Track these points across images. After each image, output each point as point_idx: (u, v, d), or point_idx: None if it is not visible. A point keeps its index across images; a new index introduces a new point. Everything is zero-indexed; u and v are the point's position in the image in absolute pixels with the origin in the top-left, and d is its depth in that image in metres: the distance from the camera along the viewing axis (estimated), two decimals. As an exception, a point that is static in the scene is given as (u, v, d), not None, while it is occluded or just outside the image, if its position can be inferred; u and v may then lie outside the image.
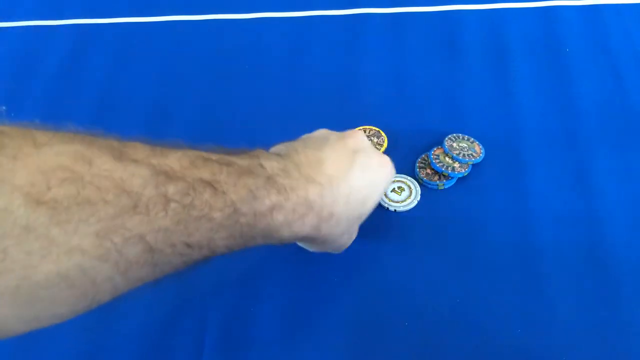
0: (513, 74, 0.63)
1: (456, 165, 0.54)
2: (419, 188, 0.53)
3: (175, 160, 0.31)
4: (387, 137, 0.58)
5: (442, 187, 0.54)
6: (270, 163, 0.36)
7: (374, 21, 0.70)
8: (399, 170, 0.55)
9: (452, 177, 0.54)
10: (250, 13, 0.72)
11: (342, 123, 0.59)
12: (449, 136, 0.56)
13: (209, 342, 0.46)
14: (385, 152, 0.57)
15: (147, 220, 0.29)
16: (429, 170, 0.54)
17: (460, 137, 0.56)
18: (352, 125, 0.59)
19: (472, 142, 0.56)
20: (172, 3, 0.74)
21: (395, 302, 0.47)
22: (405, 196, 0.53)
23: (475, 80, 0.63)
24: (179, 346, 0.46)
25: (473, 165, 0.54)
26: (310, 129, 0.59)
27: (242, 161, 0.35)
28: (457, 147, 0.55)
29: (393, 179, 0.54)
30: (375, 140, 0.57)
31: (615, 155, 0.55)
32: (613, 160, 0.55)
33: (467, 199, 0.53)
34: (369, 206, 0.41)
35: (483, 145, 0.56)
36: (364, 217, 0.42)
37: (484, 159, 0.55)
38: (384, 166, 0.43)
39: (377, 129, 0.58)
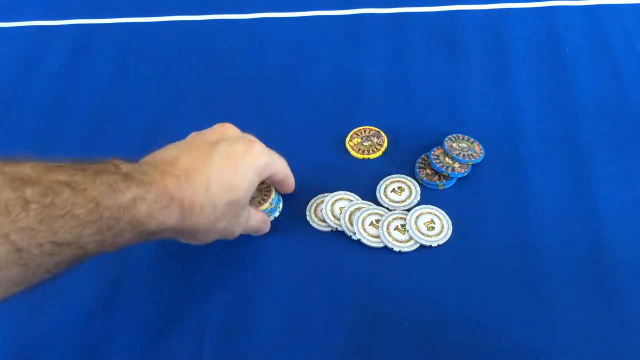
0: (513, 74, 0.63)
1: (456, 165, 0.54)
2: (418, 188, 0.53)
3: (28, 168, 0.34)
4: (387, 137, 0.58)
5: (442, 187, 0.54)
6: (124, 165, 0.38)
7: (374, 21, 0.70)
8: (399, 170, 0.55)
9: (452, 178, 0.54)
10: (250, 13, 0.72)
11: (342, 123, 0.59)
12: (449, 136, 0.56)
13: (209, 342, 0.46)
14: (385, 152, 0.57)
15: (10, 220, 0.30)
16: (429, 171, 0.54)
17: (460, 137, 0.56)
18: (352, 125, 0.59)
19: (472, 142, 0.56)
20: (172, 3, 0.74)
21: (395, 302, 0.47)
22: (405, 196, 0.53)
23: (475, 80, 0.63)
24: (179, 346, 0.46)
25: (473, 165, 0.54)
26: (310, 129, 0.59)
27: (95, 165, 0.36)
28: (457, 147, 0.55)
29: (391, 180, 0.54)
30: (375, 140, 0.57)
31: (615, 155, 0.55)
32: (613, 160, 0.55)
33: (467, 199, 0.53)
34: (240, 191, 0.42)
35: (483, 145, 0.56)
36: (242, 202, 0.43)
37: (484, 159, 0.55)
38: (249, 151, 0.43)
39: (377, 129, 0.58)
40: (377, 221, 0.51)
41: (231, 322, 0.47)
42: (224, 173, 0.41)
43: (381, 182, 0.54)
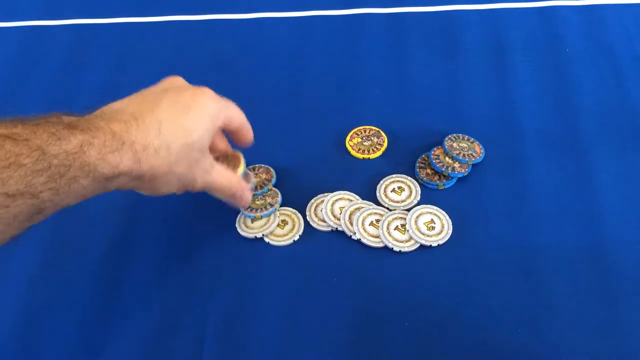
0: (513, 74, 0.63)
1: (456, 165, 0.54)
2: (419, 188, 0.53)
3: None
4: (387, 137, 0.58)
5: (442, 187, 0.54)
6: (67, 117, 0.37)
7: (374, 21, 0.70)
8: (399, 170, 0.55)
9: (452, 177, 0.54)
10: (250, 13, 0.72)
11: (342, 123, 0.59)
12: (449, 136, 0.56)
13: (209, 342, 0.46)
14: (385, 152, 0.57)
15: None
16: (429, 170, 0.54)
17: (460, 137, 0.56)
18: (352, 126, 0.59)
19: (472, 142, 0.56)
20: (172, 3, 0.74)
21: (395, 302, 0.47)
22: (405, 196, 0.53)
23: (475, 80, 0.63)
24: (179, 346, 0.46)
25: (473, 165, 0.54)
26: (310, 129, 0.59)
27: (33, 117, 0.36)
28: (457, 147, 0.55)
29: (392, 180, 0.54)
30: (375, 140, 0.57)
31: (615, 155, 0.55)
32: (613, 160, 0.55)
33: (467, 199, 0.53)
34: (194, 134, 0.41)
35: (483, 145, 0.56)
36: (198, 146, 0.42)
37: (484, 159, 0.55)
38: (199, 96, 0.43)
39: (377, 129, 0.58)
40: (377, 221, 0.51)
41: (231, 322, 0.47)
42: (175, 117, 0.41)
43: (381, 182, 0.54)
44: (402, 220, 0.51)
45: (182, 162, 0.41)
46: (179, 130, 0.41)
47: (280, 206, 0.53)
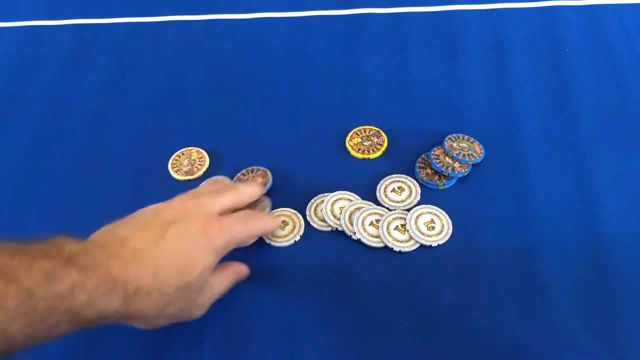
0: (513, 74, 0.63)
1: (456, 165, 0.54)
2: (419, 188, 0.53)
3: None
4: (387, 137, 0.58)
5: (442, 187, 0.54)
6: (70, 246, 0.35)
7: (374, 21, 0.70)
8: (399, 170, 0.55)
9: (452, 177, 0.54)
10: (250, 13, 0.72)
11: (342, 123, 0.59)
12: (449, 136, 0.56)
13: (209, 342, 0.46)
14: (385, 152, 0.57)
15: None
16: (429, 170, 0.54)
17: (460, 137, 0.56)
18: (352, 125, 0.59)
19: (472, 142, 0.56)
20: (172, 3, 0.74)
21: (395, 302, 0.47)
22: (405, 196, 0.53)
23: (475, 80, 0.63)
24: (179, 346, 0.46)
25: (473, 165, 0.54)
26: (310, 129, 0.59)
27: (38, 246, 0.34)
28: (457, 147, 0.55)
29: (392, 180, 0.54)
30: (375, 140, 0.57)
31: (615, 155, 0.55)
32: (613, 160, 0.55)
33: (467, 199, 0.53)
34: (191, 276, 0.39)
35: (483, 145, 0.56)
36: (194, 286, 0.40)
37: (484, 159, 0.55)
38: (205, 231, 0.40)
39: (377, 129, 0.58)
40: (377, 221, 0.51)
41: (231, 321, 0.47)
42: (175, 257, 0.38)
43: (381, 182, 0.54)
44: (402, 220, 0.51)
45: (176, 303, 0.39)
46: (176, 272, 0.38)
47: (280, 207, 0.53)
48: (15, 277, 0.31)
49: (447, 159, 0.54)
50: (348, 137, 0.58)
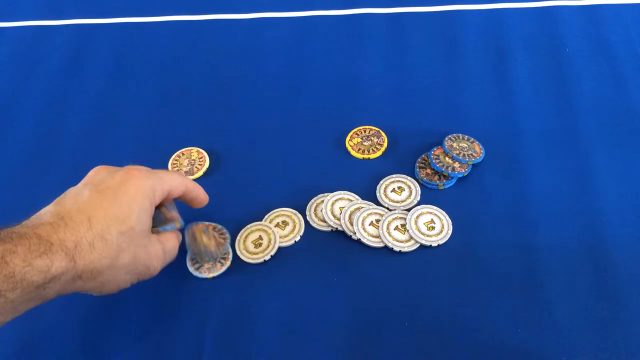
0: (513, 74, 0.63)
1: (456, 165, 0.54)
2: (419, 188, 0.53)
3: None
4: (387, 137, 0.58)
5: (442, 187, 0.54)
6: None
7: (374, 21, 0.70)
8: (399, 170, 0.55)
9: (452, 177, 0.54)
10: (250, 13, 0.72)
11: (342, 123, 0.59)
12: (449, 136, 0.56)
13: (209, 342, 0.46)
14: (385, 152, 0.57)
15: None
16: (429, 170, 0.54)
17: (460, 137, 0.56)
18: (352, 125, 0.59)
19: (472, 142, 0.56)
20: (172, 3, 0.74)
21: (395, 302, 0.47)
22: (405, 196, 0.53)
23: (475, 80, 0.63)
24: (179, 346, 0.46)
25: (473, 165, 0.54)
26: (310, 129, 0.59)
27: None
28: (457, 147, 0.55)
29: (392, 180, 0.54)
30: (375, 140, 0.57)
31: (615, 155, 0.55)
32: (613, 160, 0.55)
33: (467, 199, 0.53)
34: (130, 219, 0.39)
35: (483, 145, 0.56)
36: (138, 230, 0.40)
37: (484, 159, 0.55)
38: (127, 179, 0.41)
39: (377, 129, 0.58)
40: (377, 221, 0.51)
41: (231, 321, 0.47)
42: (103, 206, 0.39)
43: (381, 182, 0.54)
44: (402, 220, 0.51)
45: (126, 251, 0.39)
46: (111, 219, 0.38)
47: (280, 207, 0.53)
48: None
49: (447, 159, 0.54)
50: (348, 137, 0.58)
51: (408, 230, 0.50)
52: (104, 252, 0.38)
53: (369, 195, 0.53)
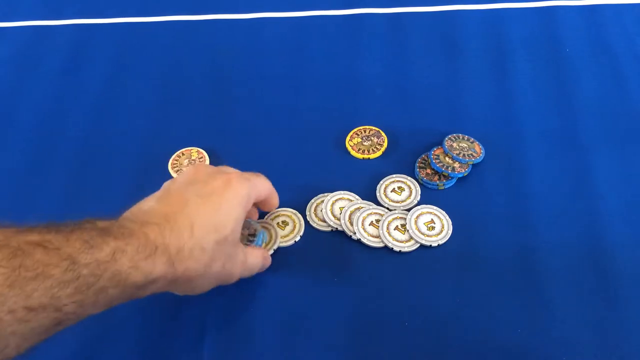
0: (513, 74, 0.63)
1: (456, 165, 0.54)
2: (419, 188, 0.53)
3: None
4: (387, 137, 0.58)
5: (442, 187, 0.54)
6: (101, 222, 0.36)
7: (374, 21, 0.70)
8: (399, 170, 0.55)
9: (452, 177, 0.54)
10: (250, 13, 0.72)
11: (342, 123, 0.59)
12: (449, 136, 0.56)
13: (208, 342, 0.46)
14: (385, 152, 0.57)
15: None
16: (429, 170, 0.54)
17: (460, 137, 0.56)
18: (352, 125, 0.59)
19: (472, 142, 0.56)
20: (172, 3, 0.74)
21: (395, 302, 0.47)
22: (405, 196, 0.53)
23: (475, 80, 0.63)
24: (179, 346, 0.46)
25: (473, 165, 0.54)
26: (310, 129, 0.59)
27: (70, 224, 0.35)
28: (457, 147, 0.55)
29: (392, 180, 0.54)
30: (375, 140, 0.57)
31: (615, 155, 0.55)
32: (613, 160, 0.55)
33: (467, 199, 0.53)
34: (226, 229, 0.40)
35: (483, 145, 0.56)
36: (231, 239, 0.41)
37: (484, 159, 0.55)
38: (228, 186, 0.42)
39: (377, 129, 0.58)
40: (377, 221, 0.51)
41: (231, 321, 0.47)
42: (205, 213, 0.40)
43: (381, 182, 0.54)
44: (402, 220, 0.51)
45: (218, 260, 0.40)
46: (211, 227, 0.39)
47: (280, 207, 0.53)
48: (54, 247, 0.32)
49: (447, 159, 0.54)
50: (348, 137, 0.58)
51: (408, 230, 0.50)
52: (200, 260, 0.39)
53: (369, 195, 0.53)
